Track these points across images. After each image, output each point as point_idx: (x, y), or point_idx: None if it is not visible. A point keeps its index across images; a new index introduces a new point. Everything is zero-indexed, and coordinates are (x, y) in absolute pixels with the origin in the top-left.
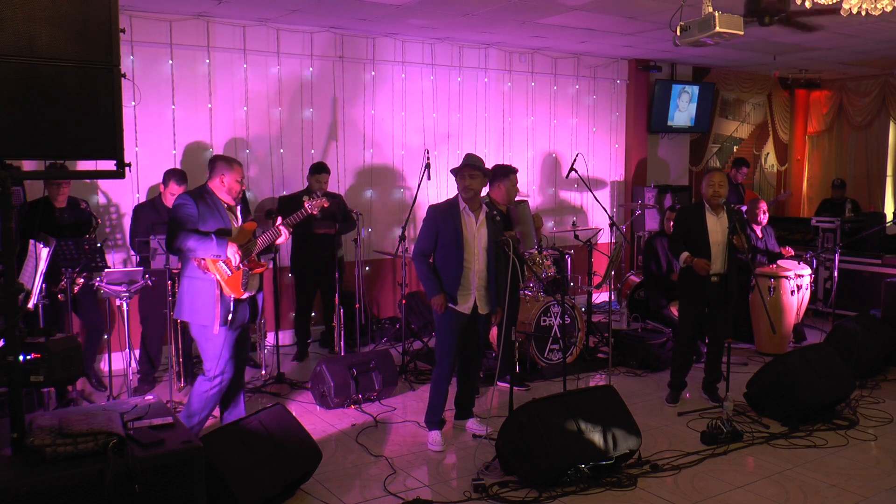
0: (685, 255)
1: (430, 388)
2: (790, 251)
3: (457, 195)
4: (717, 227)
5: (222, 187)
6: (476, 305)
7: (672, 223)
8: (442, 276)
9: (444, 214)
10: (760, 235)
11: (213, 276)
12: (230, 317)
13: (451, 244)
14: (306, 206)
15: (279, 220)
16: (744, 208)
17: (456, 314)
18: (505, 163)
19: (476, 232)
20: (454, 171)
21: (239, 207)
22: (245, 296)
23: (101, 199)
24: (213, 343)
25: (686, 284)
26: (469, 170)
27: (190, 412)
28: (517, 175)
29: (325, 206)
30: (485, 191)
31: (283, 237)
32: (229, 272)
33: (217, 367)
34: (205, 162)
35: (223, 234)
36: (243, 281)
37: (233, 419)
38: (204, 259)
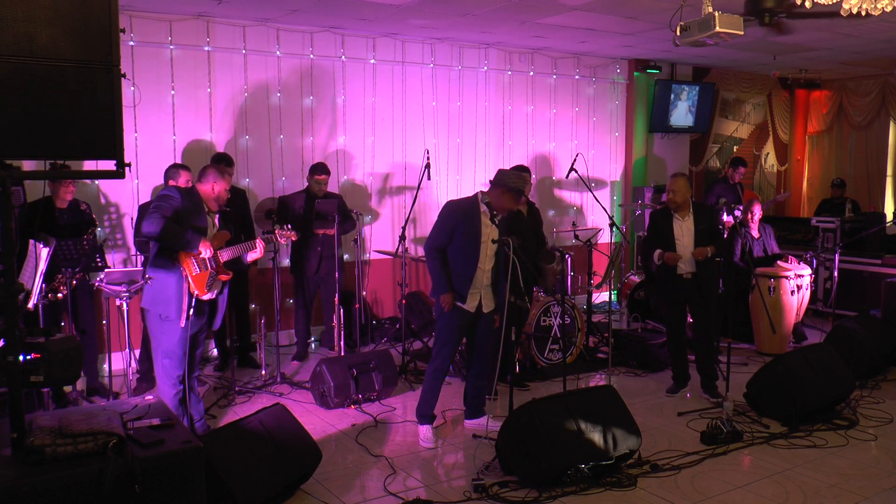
0: (658, 251)
1: (423, 383)
2: (793, 260)
3: (475, 195)
4: (682, 229)
5: (212, 194)
6: (481, 304)
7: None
8: (454, 274)
9: (464, 213)
10: (757, 235)
11: (182, 271)
12: (191, 312)
13: (468, 243)
14: (276, 233)
15: (258, 238)
16: (742, 207)
17: (461, 312)
18: (504, 163)
19: (489, 233)
20: (502, 188)
21: (214, 214)
22: (207, 296)
23: (101, 199)
24: (170, 336)
25: (662, 283)
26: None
27: None
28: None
29: (294, 238)
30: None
31: (259, 252)
32: (198, 269)
33: (179, 365)
34: (205, 162)
35: (198, 232)
36: (208, 282)
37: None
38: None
